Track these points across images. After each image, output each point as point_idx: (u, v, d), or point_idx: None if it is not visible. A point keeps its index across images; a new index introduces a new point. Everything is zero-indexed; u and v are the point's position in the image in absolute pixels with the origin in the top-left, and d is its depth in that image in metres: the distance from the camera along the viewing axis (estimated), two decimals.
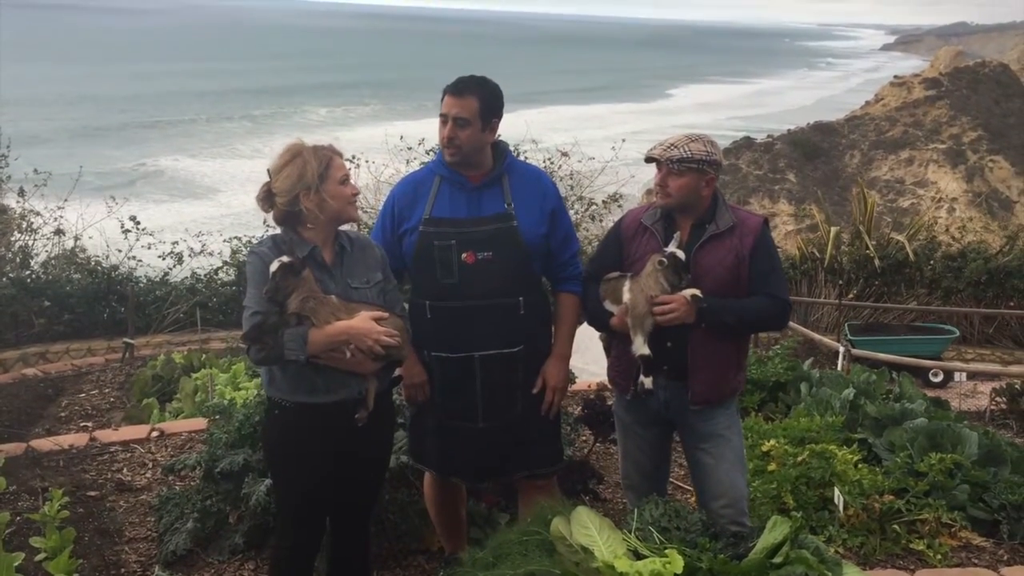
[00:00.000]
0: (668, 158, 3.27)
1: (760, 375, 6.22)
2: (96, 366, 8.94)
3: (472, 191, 3.42)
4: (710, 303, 3.24)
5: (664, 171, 3.31)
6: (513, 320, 3.43)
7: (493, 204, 3.42)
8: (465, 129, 3.32)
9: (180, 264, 11.60)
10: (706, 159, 3.28)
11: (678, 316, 3.23)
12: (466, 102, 3.31)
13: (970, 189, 42.76)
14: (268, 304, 2.95)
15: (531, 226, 3.42)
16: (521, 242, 3.39)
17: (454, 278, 3.36)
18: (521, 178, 3.50)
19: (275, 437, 3.21)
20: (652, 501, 3.19)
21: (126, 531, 4.47)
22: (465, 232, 3.36)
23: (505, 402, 3.48)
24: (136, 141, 48.75)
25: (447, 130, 3.33)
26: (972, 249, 13.60)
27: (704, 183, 3.32)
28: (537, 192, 3.50)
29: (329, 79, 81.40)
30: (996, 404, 7.85)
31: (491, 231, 3.37)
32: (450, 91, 3.33)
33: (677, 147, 3.28)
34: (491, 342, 3.41)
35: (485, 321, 3.39)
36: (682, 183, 3.30)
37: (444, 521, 3.83)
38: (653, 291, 3.25)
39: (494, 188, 3.44)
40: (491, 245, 3.36)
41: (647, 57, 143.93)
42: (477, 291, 3.36)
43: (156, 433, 5.77)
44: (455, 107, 3.31)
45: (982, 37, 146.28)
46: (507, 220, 3.39)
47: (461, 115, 3.31)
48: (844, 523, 4.39)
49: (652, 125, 57.18)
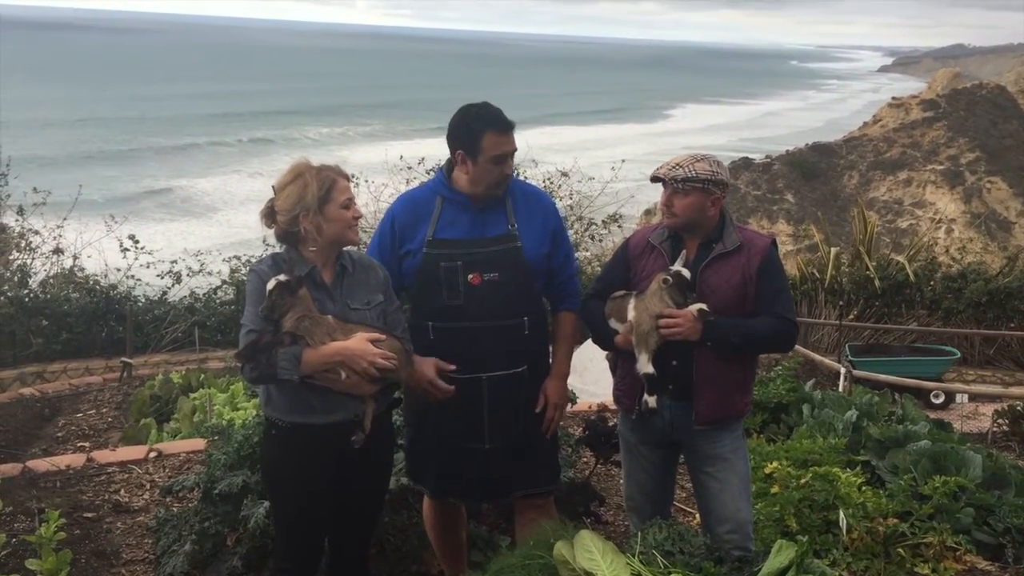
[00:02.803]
0: (673, 178, 3.26)
1: (762, 396, 6.19)
2: (94, 385, 8.91)
3: (476, 212, 3.41)
4: (716, 320, 3.23)
5: (669, 191, 3.31)
6: (518, 340, 3.43)
7: (497, 225, 3.41)
8: (512, 161, 3.41)
9: (179, 283, 11.60)
10: (711, 179, 3.27)
11: (683, 332, 3.21)
12: (512, 136, 3.37)
13: (968, 210, 42.89)
14: (264, 322, 2.93)
15: (534, 246, 3.43)
16: (525, 262, 3.39)
17: (460, 299, 3.35)
18: (523, 198, 3.51)
19: (272, 458, 3.18)
20: (656, 524, 3.17)
21: (123, 553, 4.44)
22: (471, 253, 3.35)
23: (510, 422, 3.46)
24: (136, 163, 48.84)
25: (508, 167, 3.38)
26: (972, 270, 13.60)
27: (710, 203, 3.31)
28: (539, 212, 3.51)
29: (329, 100, 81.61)
30: (998, 426, 7.81)
31: (496, 252, 3.36)
32: (500, 130, 3.32)
33: (682, 167, 3.27)
34: (497, 363, 3.40)
35: (491, 342, 3.37)
36: (687, 203, 3.29)
37: (444, 544, 3.79)
38: (658, 309, 3.24)
39: (497, 209, 3.43)
40: (497, 266, 3.35)
41: (647, 78, 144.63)
42: (483, 312, 3.34)
43: (154, 454, 5.73)
44: (510, 144, 3.36)
45: (979, 59, 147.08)
46: (511, 241, 3.39)
47: (514, 149, 3.39)
48: (848, 546, 4.34)
49: (652, 146, 57.48)
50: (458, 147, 3.35)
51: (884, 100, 58.57)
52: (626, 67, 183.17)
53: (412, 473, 3.68)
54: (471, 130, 3.31)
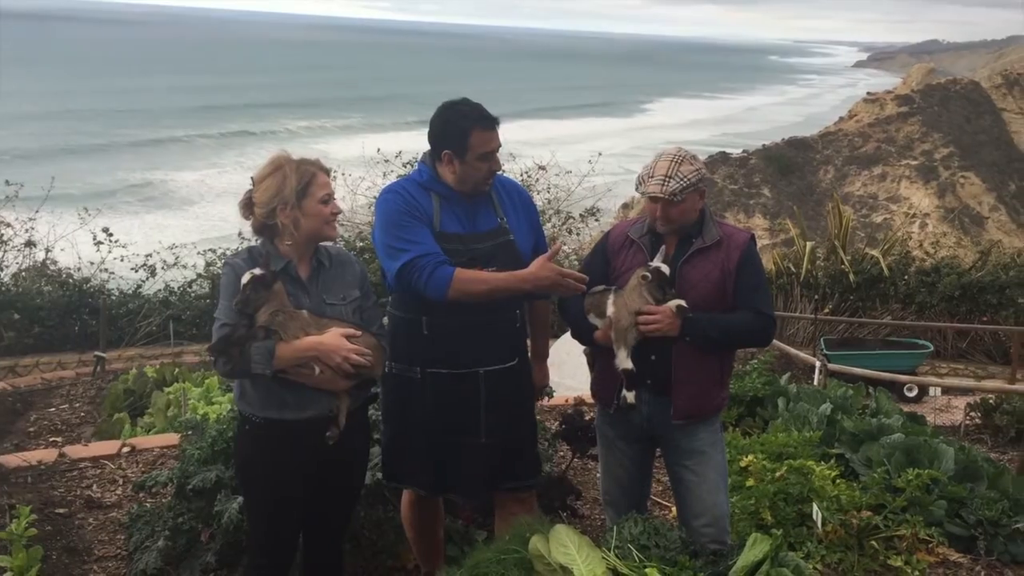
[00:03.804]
0: (671, 193, 3.21)
1: (738, 390, 6.21)
2: (67, 380, 8.82)
3: (467, 207, 3.40)
4: (695, 315, 3.23)
5: (663, 203, 3.26)
6: (512, 333, 3.46)
7: (487, 219, 3.41)
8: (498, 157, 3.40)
9: (153, 277, 11.50)
10: (699, 178, 3.27)
11: (662, 328, 3.21)
12: (497, 133, 3.35)
13: (942, 205, 43.27)
14: (238, 316, 2.91)
15: (523, 238, 3.46)
16: (519, 254, 3.40)
17: None
18: (505, 191, 3.53)
19: (245, 453, 3.15)
20: (631, 518, 3.17)
21: (95, 549, 4.39)
22: (472, 247, 3.34)
23: (505, 416, 3.47)
24: (113, 156, 48.31)
25: (496, 164, 3.37)
26: (945, 264, 13.75)
27: (699, 198, 3.32)
28: (521, 204, 3.55)
29: (307, 93, 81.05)
30: (971, 419, 7.90)
31: (493, 246, 3.37)
32: (486, 128, 3.29)
33: (671, 178, 3.21)
34: (494, 357, 3.40)
35: (490, 336, 3.37)
36: (684, 208, 3.28)
37: (422, 540, 3.77)
38: (637, 305, 3.23)
39: (485, 203, 3.44)
40: (495, 260, 3.35)
41: (627, 72, 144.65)
42: (485, 306, 3.32)
43: (127, 449, 5.67)
44: (496, 140, 3.34)
45: (953, 55, 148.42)
46: (504, 234, 3.41)
47: (499, 145, 3.37)
48: (822, 539, 4.36)
49: (631, 141, 57.54)
50: (444, 146, 3.30)
51: (861, 95, 58.92)
52: (606, 61, 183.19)
53: (394, 475, 3.60)
54: (458, 128, 3.27)
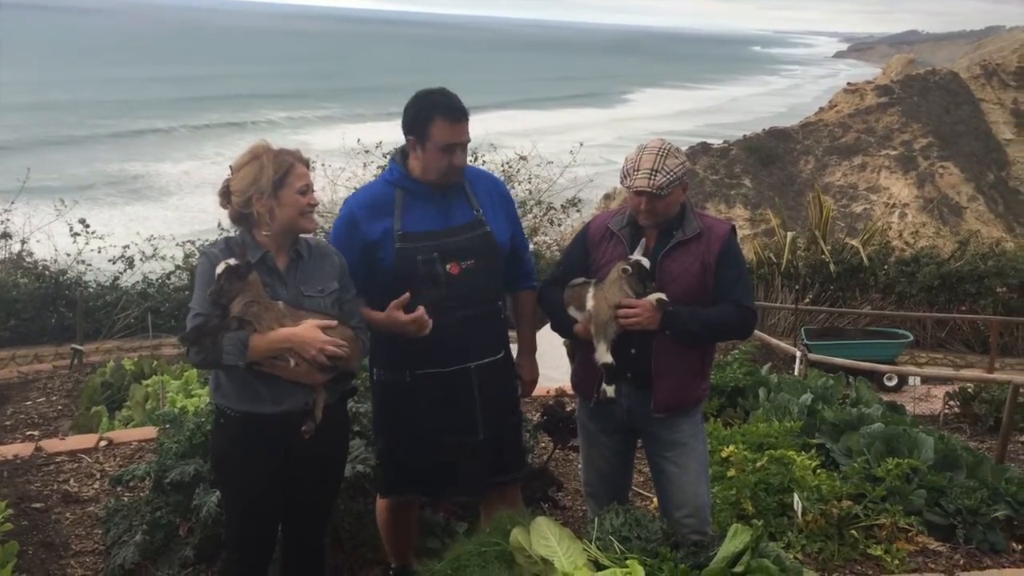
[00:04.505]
0: (658, 187, 3.19)
1: (719, 380, 6.22)
2: (43, 373, 8.74)
3: (438, 200, 3.36)
4: (675, 308, 3.21)
5: (648, 197, 3.23)
6: (497, 325, 3.45)
7: (462, 212, 3.38)
8: (466, 152, 3.35)
9: (131, 268, 11.39)
10: (684, 171, 3.26)
11: (642, 321, 3.20)
12: (465, 126, 3.30)
13: (921, 195, 43.56)
14: (212, 306, 2.87)
15: (500, 230, 3.43)
16: (497, 246, 3.39)
17: (441, 291, 3.29)
18: (480, 183, 3.50)
19: (221, 447, 3.12)
20: (613, 510, 3.16)
21: (72, 544, 4.34)
22: (444, 243, 3.30)
23: (497, 409, 3.45)
24: (91, 148, 47.81)
25: (459, 158, 3.30)
26: (925, 254, 13.83)
27: (682, 191, 3.31)
28: (497, 195, 3.52)
29: (287, 84, 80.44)
30: (949, 408, 7.96)
31: (469, 239, 3.34)
32: (451, 120, 3.24)
33: (659, 172, 3.19)
34: (482, 351, 3.38)
35: (475, 330, 3.35)
36: (670, 201, 3.26)
37: (397, 537, 3.75)
38: (617, 299, 3.22)
39: (459, 196, 3.40)
40: (471, 254, 3.32)
41: (611, 63, 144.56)
42: (466, 300, 3.31)
43: (104, 442, 5.61)
44: (463, 134, 3.29)
45: (932, 45, 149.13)
46: (481, 227, 3.37)
47: (465, 140, 3.31)
48: (803, 529, 4.38)
49: (614, 132, 57.51)
50: (410, 132, 3.30)
51: (842, 86, 59.13)
52: (587, 52, 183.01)
53: (396, 484, 3.55)
54: (421, 116, 3.26)
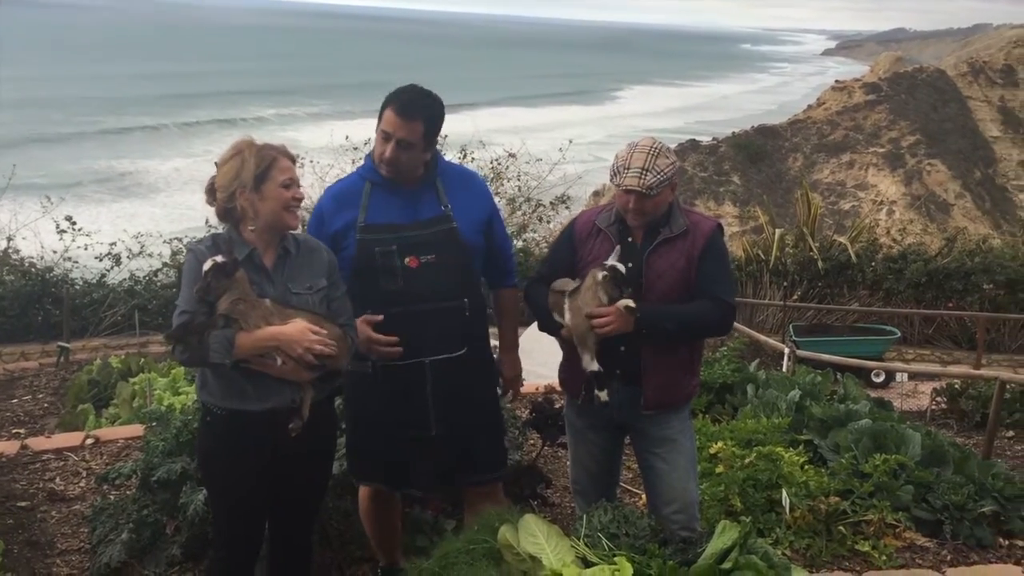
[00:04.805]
0: (648, 187, 3.17)
1: (707, 377, 6.23)
2: (30, 371, 8.70)
3: (406, 194, 3.35)
4: (644, 311, 3.19)
5: (637, 195, 3.21)
6: (459, 323, 3.38)
7: (430, 207, 3.35)
8: (408, 151, 3.25)
9: (118, 266, 11.33)
10: (674, 171, 3.24)
11: (616, 327, 3.17)
12: (413, 125, 3.21)
13: (908, 192, 43.75)
14: (198, 304, 2.85)
15: (470, 227, 3.39)
16: (462, 242, 3.35)
17: (398, 284, 3.28)
18: (454, 180, 3.46)
19: (207, 445, 3.10)
20: (601, 507, 3.15)
21: (58, 543, 4.31)
22: (405, 236, 3.29)
23: (455, 407, 3.42)
24: (79, 145, 47.51)
25: (389, 151, 3.23)
26: (912, 251, 13.88)
27: (671, 190, 3.30)
28: (472, 193, 3.48)
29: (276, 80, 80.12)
30: (936, 404, 7.99)
31: (432, 234, 3.31)
32: (397, 112, 3.20)
33: (648, 171, 3.17)
34: (439, 346, 3.35)
35: (432, 325, 3.33)
36: (659, 201, 3.25)
37: (380, 533, 3.74)
38: (590, 307, 3.20)
39: (428, 191, 3.38)
40: (433, 248, 3.30)
41: (600, 60, 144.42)
42: (423, 295, 3.29)
43: (91, 440, 5.58)
44: (401, 130, 3.20)
45: (920, 43, 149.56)
46: (446, 222, 3.34)
47: (406, 138, 3.22)
48: (791, 525, 4.39)
49: (603, 129, 57.52)
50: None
51: (830, 83, 59.28)
52: (576, 49, 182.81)
53: (358, 472, 3.59)
54: (384, 100, 3.25)
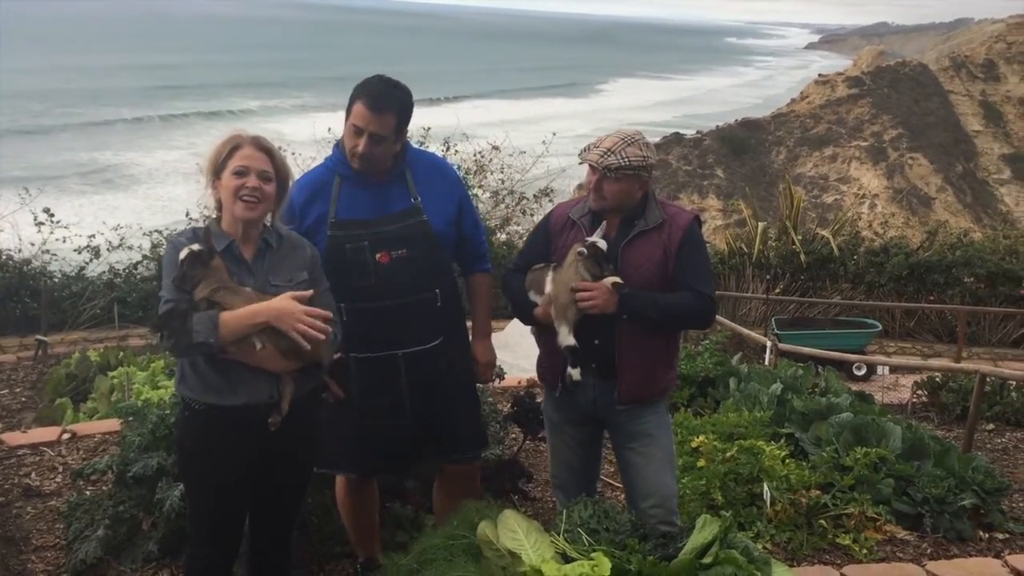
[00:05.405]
0: (606, 166, 3.18)
1: (689, 370, 6.23)
2: (7, 364, 8.60)
3: (375, 188, 3.32)
4: (632, 292, 3.20)
5: (599, 176, 3.23)
6: (432, 314, 3.39)
7: (399, 200, 3.34)
8: (380, 145, 3.23)
9: (97, 258, 11.21)
10: (642, 164, 3.22)
11: (599, 304, 3.17)
12: (384, 119, 3.20)
13: (891, 186, 43.95)
14: (178, 292, 2.81)
15: (440, 218, 3.38)
16: (433, 235, 3.34)
17: (370, 279, 3.28)
18: (424, 169, 3.44)
19: (187, 440, 3.05)
20: (581, 502, 3.14)
21: (33, 539, 4.27)
22: (376, 232, 3.28)
23: (431, 395, 3.43)
24: (61, 137, 47.04)
25: (362, 145, 3.21)
26: (894, 244, 13.93)
27: (638, 186, 3.27)
28: (442, 182, 3.47)
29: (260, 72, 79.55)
30: (917, 397, 8.02)
31: (402, 228, 3.30)
32: (369, 106, 3.17)
33: (614, 153, 3.17)
34: (413, 338, 3.36)
35: (405, 318, 3.33)
36: (618, 188, 3.23)
37: (358, 525, 3.73)
38: (574, 281, 3.20)
39: (398, 183, 3.36)
40: (404, 242, 3.29)
41: (581, 53, 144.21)
42: (395, 290, 3.29)
43: (67, 435, 5.52)
44: (372, 124, 3.18)
45: (902, 37, 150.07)
46: (416, 215, 3.33)
47: (378, 132, 3.20)
48: (772, 519, 4.39)
49: (586, 121, 57.44)
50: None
51: (814, 77, 59.45)
52: (562, 42, 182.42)
53: (328, 460, 3.53)
54: (352, 93, 3.24)
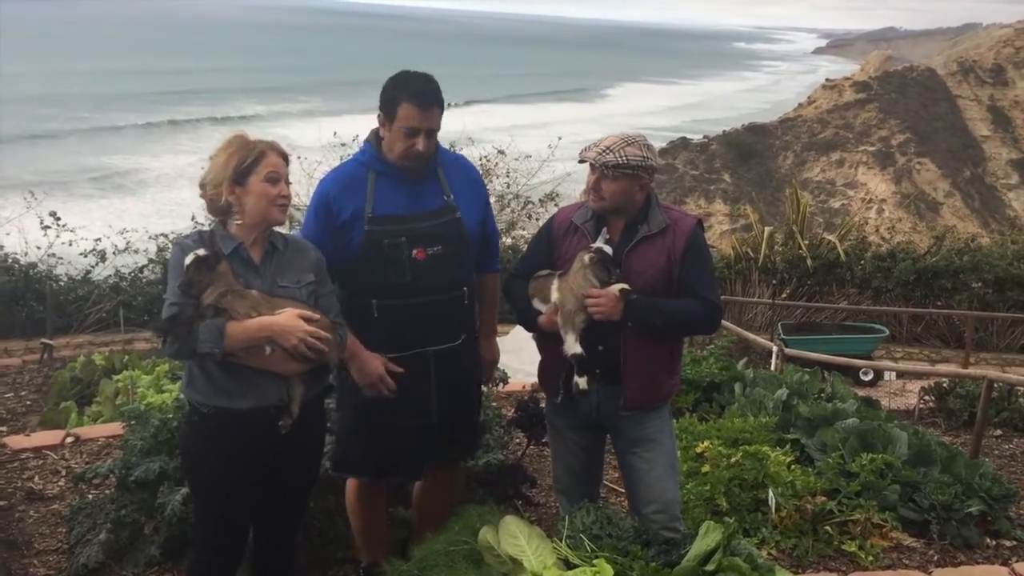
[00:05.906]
0: (603, 163, 3.18)
1: (694, 375, 6.20)
2: (12, 368, 8.60)
3: (411, 185, 3.36)
4: (637, 298, 3.19)
5: (597, 174, 3.23)
6: (460, 311, 3.45)
7: (434, 197, 3.38)
8: (433, 139, 3.31)
9: (103, 262, 11.24)
10: (641, 164, 3.20)
11: (606, 311, 3.16)
12: (433, 114, 3.28)
13: (898, 191, 43.89)
14: (184, 297, 2.81)
15: (471, 215, 3.44)
16: (466, 233, 3.40)
17: (406, 276, 3.30)
18: (454, 168, 3.51)
19: (194, 445, 3.04)
20: (584, 507, 3.12)
21: (35, 543, 4.25)
22: (413, 228, 3.31)
23: (454, 394, 3.47)
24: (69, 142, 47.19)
25: (422, 144, 3.26)
26: (901, 249, 13.90)
27: (638, 187, 3.25)
28: (470, 181, 3.55)
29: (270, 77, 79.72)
30: (924, 403, 7.98)
31: (438, 225, 3.34)
32: (418, 105, 3.23)
33: (612, 151, 3.18)
34: (442, 336, 3.40)
35: (436, 315, 3.36)
36: (616, 188, 3.22)
37: (368, 529, 3.71)
38: (582, 288, 3.19)
39: (432, 180, 3.40)
40: (440, 240, 3.33)
41: (587, 58, 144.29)
42: (429, 287, 3.32)
43: (71, 439, 5.51)
44: (426, 121, 3.26)
45: (910, 42, 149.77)
46: (451, 213, 3.38)
47: (432, 128, 3.29)
48: (777, 525, 4.36)
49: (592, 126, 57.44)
50: (381, 109, 3.31)
51: (821, 82, 59.39)
52: (566, 47, 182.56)
53: (346, 463, 3.56)
54: (392, 95, 3.26)
